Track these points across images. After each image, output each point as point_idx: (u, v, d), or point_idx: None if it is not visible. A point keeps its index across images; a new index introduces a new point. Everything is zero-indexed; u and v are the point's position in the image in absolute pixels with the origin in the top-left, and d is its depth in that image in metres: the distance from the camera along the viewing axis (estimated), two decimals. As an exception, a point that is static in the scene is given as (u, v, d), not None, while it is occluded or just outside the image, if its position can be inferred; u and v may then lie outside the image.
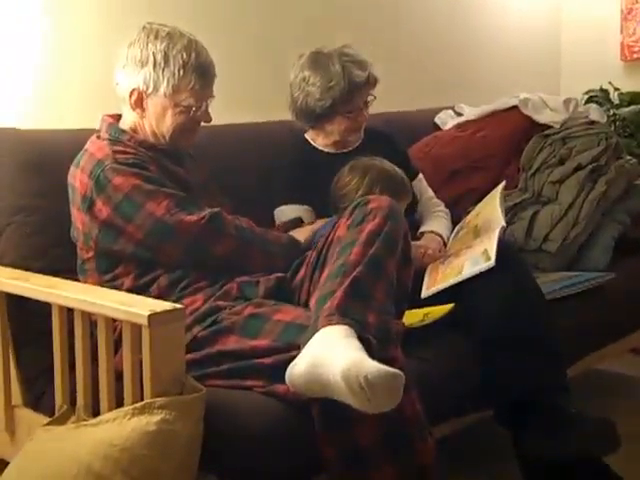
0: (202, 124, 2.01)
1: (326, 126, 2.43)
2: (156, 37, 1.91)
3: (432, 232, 2.44)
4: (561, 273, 2.52)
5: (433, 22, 3.42)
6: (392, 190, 2.18)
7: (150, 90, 1.90)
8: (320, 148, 2.49)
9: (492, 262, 2.03)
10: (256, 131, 2.59)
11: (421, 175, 2.62)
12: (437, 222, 2.52)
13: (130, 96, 1.92)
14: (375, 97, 2.44)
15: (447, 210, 2.60)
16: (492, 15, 3.72)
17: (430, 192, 2.62)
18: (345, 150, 2.48)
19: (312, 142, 2.50)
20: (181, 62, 1.89)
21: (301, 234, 2.07)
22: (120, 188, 1.81)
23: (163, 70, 1.89)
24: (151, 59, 1.89)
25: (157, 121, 1.93)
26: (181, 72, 1.89)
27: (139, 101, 1.92)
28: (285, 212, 2.33)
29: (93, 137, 1.94)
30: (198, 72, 1.92)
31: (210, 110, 1.99)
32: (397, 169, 2.27)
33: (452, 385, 1.94)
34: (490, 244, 2.11)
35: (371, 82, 2.41)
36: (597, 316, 2.38)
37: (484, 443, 2.41)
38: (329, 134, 2.46)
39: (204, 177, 2.12)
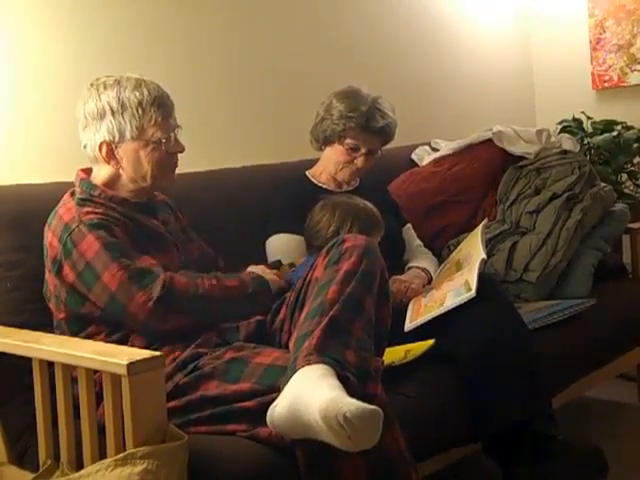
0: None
1: (328, 150, 2.52)
2: (105, 88, 1.91)
3: (417, 267, 2.47)
4: (543, 302, 2.54)
5: (406, 60, 3.47)
6: (363, 223, 2.23)
7: (117, 139, 1.90)
8: (317, 184, 2.54)
9: (473, 292, 2.04)
10: (236, 176, 2.60)
11: (409, 225, 2.66)
12: (424, 260, 2.54)
13: (100, 150, 1.92)
14: (382, 154, 2.53)
15: (435, 259, 2.61)
16: (464, 51, 3.77)
17: (418, 241, 2.65)
18: (342, 190, 2.53)
19: (311, 178, 2.56)
20: (136, 101, 1.90)
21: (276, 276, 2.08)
22: (84, 255, 1.80)
23: (122, 115, 1.89)
24: (107, 108, 1.89)
25: (134, 167, 1.93)
26: (139, 111, 1.90)
27: (110, 153, 1.92)
28: (277, 241, 2.36)
29: (67, 194, 1.94)
30: (156, 105, 1.91)
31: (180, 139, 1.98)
32: (368, 203, 2.30)
33: (437, 420, 1.93)
34: (471, 275, 2.12)
35: (384, 134, 2.49)
36: (580, 343, 2.39)
37: (472, 478, 2.40)
38: (327, 162, 2.52)
39: (182, 225, 2.13)
